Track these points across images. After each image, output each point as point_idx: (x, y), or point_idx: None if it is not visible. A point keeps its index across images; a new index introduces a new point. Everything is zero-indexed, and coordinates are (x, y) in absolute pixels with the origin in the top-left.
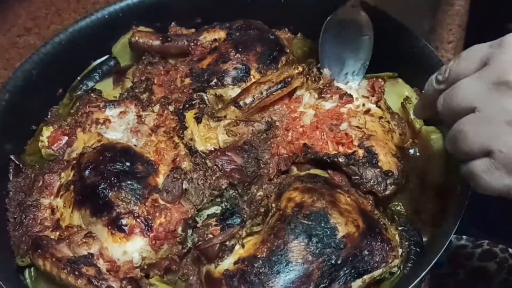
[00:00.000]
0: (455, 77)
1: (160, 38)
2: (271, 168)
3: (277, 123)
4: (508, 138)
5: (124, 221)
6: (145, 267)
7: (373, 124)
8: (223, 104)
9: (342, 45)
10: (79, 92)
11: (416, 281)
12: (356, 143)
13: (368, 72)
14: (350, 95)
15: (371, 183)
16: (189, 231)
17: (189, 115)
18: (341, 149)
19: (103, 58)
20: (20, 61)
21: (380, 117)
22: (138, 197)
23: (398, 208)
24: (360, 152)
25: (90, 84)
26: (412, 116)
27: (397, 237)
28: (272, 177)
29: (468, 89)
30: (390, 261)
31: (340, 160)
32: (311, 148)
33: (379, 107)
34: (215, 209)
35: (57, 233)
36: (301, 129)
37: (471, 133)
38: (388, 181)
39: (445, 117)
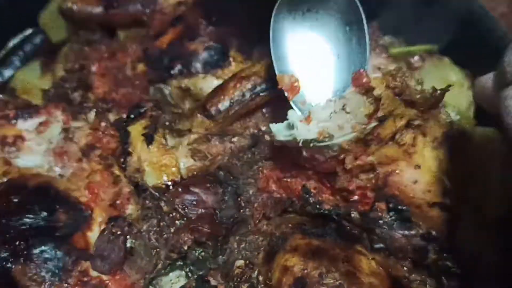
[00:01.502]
0: None
1: (104, 2)
2: (257, 210)
3: (267, 137)
4: None
5: None
6: None
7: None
8: (191, 102)
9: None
10: None
11: None
12: (370, 194)
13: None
14: None
15: (403, 254)
16: None
17: (136, 130)
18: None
19: (26, 33)
20: None
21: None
22: (57, 271)
23: (448, 262)
24: (381, 205)
25: (8, 73)
26: (455, 114)
27: None
28: (257, 222)
29: None
30: None
31: (354, 216)
32: (313, 195)
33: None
34: (176, 276)
35: None
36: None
37: None
38: (430, 247)
39: None
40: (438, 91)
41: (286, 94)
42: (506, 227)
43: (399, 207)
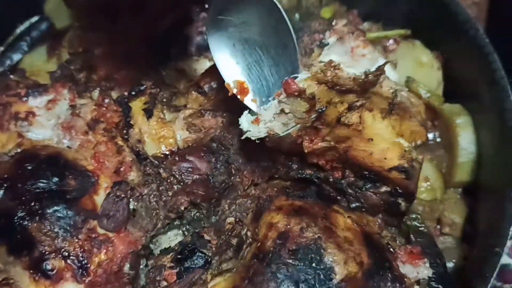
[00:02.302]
0: None
1: None
2: (246, 177)
3: None
4: None
5: (49, 264)
6: None
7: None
8: (185, 82)
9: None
10: (1, 69)
11: None
12: (338, 164)
13: (376, 30)
14: None
15: (378, 209)
16: (142, 262)
17: (137, 106)
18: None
19: (32, 20)
20: None
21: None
22: (68, 228)
23: (415, 223)
24: (351, 173)
25: (16, 57)
26: (426, 92)
27: None
28: (246, 188)
29: None
30: None
31: (331, 180)
32: (295, 162)
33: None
34: (174, 234)
35: None
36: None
37: None
38: (399, 200)
39: None
40: (370, 76)
41: (238, 97)
42: (467, 191)
43: (364, 173)
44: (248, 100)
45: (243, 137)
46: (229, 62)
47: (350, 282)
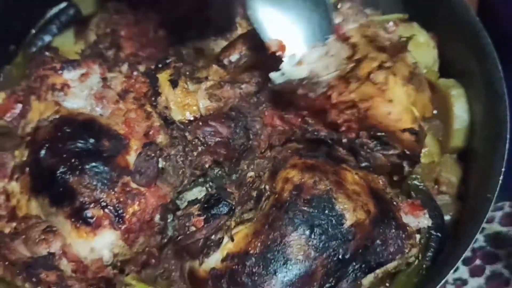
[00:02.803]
0: None
1: None
2: (262, 141)
3: (270, 84)
4: None
5: (89, 213)
6: (119, 264)
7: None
8: (204, 60)
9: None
10: (34, 49)
11: (442, 281)
12: (354, 125)
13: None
14: None
15: (384, 169)
16: (169, 217)
17: (163, 77)
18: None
19: (61, 6)
20: None
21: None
22: (105, 181)
23: (415, 182)
24: (365, 134)
25: (47, 38)
26: (423, 69)
27: None
28: (263, 150)
29: None
30: (406, 251)
31: (344, 141)
32: (311, 125)
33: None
34: (198, 191)
35: (13, 224)
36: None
37: None
38: (404, 163)
39: None
40: (403, 38)
41: (278, 54)
42: (464, 159)
43: (378, 133)
44: (286, 56)
45: (276, 85)
46: (267, 21)
47: (359, 228)
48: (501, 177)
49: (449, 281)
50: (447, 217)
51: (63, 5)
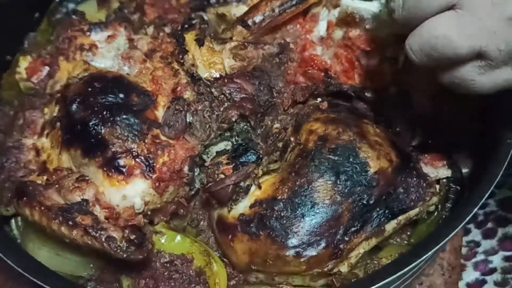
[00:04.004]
0: None
1: None
2: (286, 98)
3: (291, 46)
4: (508, 33)
5: (121, 161)
6: (149, 212)
7: None
8: (226, 25)
9: None
10: (58, 16)
11: (459, 227)
12: (388, 78)
13: None
14: None
15: (400, 128)
16: (196, 170)
17: (189, 37)
18: (368, 83)
19: None
20: None
21: None
22: (136, 133)
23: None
24: (392, 89)
25: (71, 6)
26: None
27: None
28: (286, 108)
29: None
30: (427, 199)
31: (367, 95)
32: (334, 79)
33: None
34: (224, 145)
35: (44, 177)
36: (321, 54)
37: (455, 35)
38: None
39: (406, 20)
40: None
41: None
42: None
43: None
44: None
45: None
46: None
47: (382, 175)
48: None
49: (463, 243)
50: (464, 170)
51: None
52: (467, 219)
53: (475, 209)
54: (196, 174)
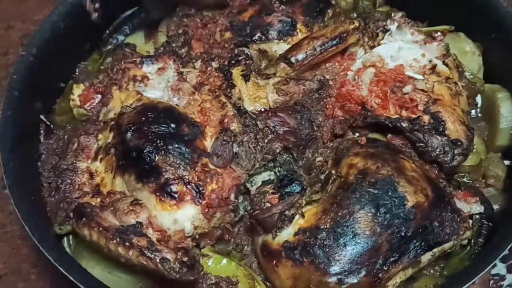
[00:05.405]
0: None
1: None
2: (325, 132)
3: (330, 82)
4: None
5: (174, 188)
6: (197, 236)
7: (439, 87)
8: (267, 61)
9: None
10: (109, 47)
11: (493, 263)
12: (421, 108)
13: (422, 26)
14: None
15: (437, 152)
16: (240, 198)
17: (236, 72)
18: (404, 113)
19: (132, 10)
20: (36, 13)
21: (447, 78)
22: (187, 161)
23: (464, 179)
24: (426, 118)
25: (120, 38)
26: (469, 75)
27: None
28: (325, 141)
29: None
30: (461, 233)
31: (404, 125)
32: (371, 111)
33: (446, 65)
34: (268, 175)
35: (98, 199)
36: (358, 90)
37: None
38: (456, 151)
39: None
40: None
41: None
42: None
43: (439, 119)
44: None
45: None
46: None
47: (419, 209)
48: None
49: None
50: (495, 206)
51: (135, 9)
52: (501, 255)
53: (509, 246)
54: (240, 201)
